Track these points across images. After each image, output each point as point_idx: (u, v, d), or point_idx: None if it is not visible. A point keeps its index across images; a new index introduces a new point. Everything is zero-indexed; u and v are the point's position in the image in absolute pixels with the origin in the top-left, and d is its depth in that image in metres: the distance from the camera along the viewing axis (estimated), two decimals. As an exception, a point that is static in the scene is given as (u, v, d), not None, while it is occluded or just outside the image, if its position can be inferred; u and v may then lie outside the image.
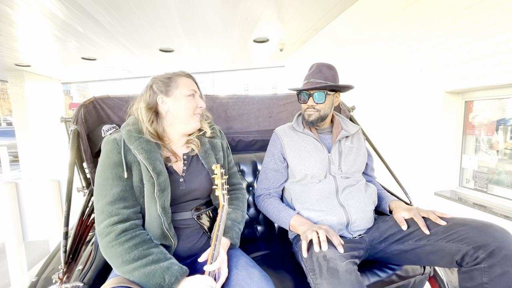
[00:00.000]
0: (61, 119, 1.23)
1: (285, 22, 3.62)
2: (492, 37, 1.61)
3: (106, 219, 0.77)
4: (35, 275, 0.89)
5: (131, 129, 0.87)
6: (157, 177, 0.82)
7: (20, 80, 6.26)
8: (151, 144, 0.86)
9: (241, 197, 1.08)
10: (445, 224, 0.90)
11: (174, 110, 0.91)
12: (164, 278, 0.72)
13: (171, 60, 5.68)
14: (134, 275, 0.72)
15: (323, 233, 0.89)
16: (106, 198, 0.79)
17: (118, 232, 0.76)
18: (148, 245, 0.78)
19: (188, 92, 0.93)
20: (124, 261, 0.73)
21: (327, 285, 0.75)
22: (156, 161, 0.84)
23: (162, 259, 0.76)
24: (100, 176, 0.82)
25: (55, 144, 7.13)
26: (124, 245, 0.75)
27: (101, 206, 0.79)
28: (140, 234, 0.79)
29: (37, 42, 4.18)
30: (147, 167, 0.82)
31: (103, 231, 0.77)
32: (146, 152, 0.83)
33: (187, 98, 0.92)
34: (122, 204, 0.80)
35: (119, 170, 0.82)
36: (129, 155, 0.84)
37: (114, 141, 0.85)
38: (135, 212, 0.82)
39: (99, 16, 3.18)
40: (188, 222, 0.92)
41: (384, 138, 2.61)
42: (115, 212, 0.78)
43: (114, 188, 0.80)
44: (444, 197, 2.01)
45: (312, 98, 1.11)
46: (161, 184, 0.82)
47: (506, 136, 1.85)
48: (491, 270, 0.78)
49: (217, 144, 1.02)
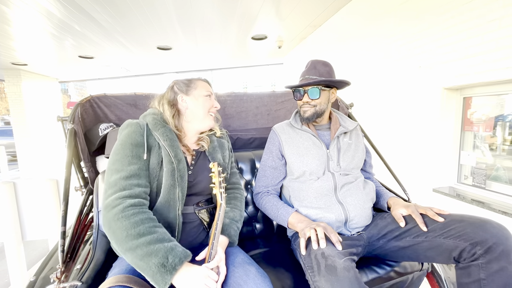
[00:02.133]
0: (57, 118, 1.23)
1: (283, 19, 3.60)
2: (491, 32, 1.60)
3: (117, 192, 0.78)
4: (33, 275, 0.89)
5: (156, 117, 0.95)
6: (178, 163, 0.89)
7: (17, 79, 6.22)
8: (174, 134, 0.94)
9: (239, 197, 1.09)
10: (443, 221, 0.90)
11: (193, 107, 1.00)
12: (167, 258, 0.71)
13: (169, 58, 5.65)
14: (137, 252, 0.71)
15: (321, 230, 0.89)
16: (122, 173, 0.81)
17: (126, 205, 0.76)
18: (154, 223, 0.78)
19: (205, 93, 1.03)
20: (129, 235, 0.72)
21: (325, 282, 0.75)
22: (177, 149, 0.91)
23: (166, 239, 0.76)
24: (118, 153, 0.85)
25: (54, 143, 7.11)
26: (131, 219, 0.75)
27: (115, 179, 0.80)
28: (147, 212, 0.80)
29: (34, 41, 4.14)
30: (170, 153, 0.88)
31: (111, 203, 0.77)
32: (170, 139, 0.91)
33: (204, 98, 1.02)
34: (136, 181, 0.82)
35: (139, 151, 0.86)
36: (151, 139, 0.90)
37: (137, 124, 0.90)
38: (145, 192, 0.84)
39: (96, 14, 3.15)
40: (190, 217, 0.94)
41: (383, 134, 2.61)
42: (128, 186, 0.80)
43: (132, 165, 0.83)
44: (442, 193, 2.02)
45: (307, 94, 1.12)
46: (181, 171, 0.89)
47: (504, 132, 1.85)
48: (489, 266, 0.79)
49: (224, 144, 1.11)
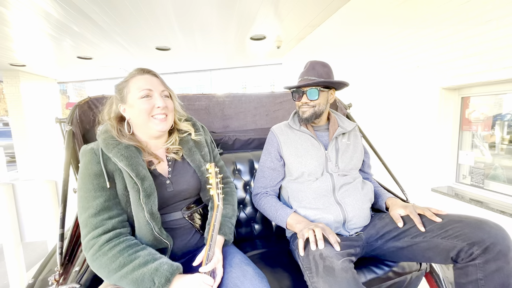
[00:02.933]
0: (55, 120, 1.22)
1: (282, 19, 3.60)
2: (488, 32, 1.61)
3: (90, 232, 0.75)
4: (31, 277, 0.89)
5: (108, 136, 0.83)
6: (142, 182, 0.80)
7: (15, 80, 6.21)
8: (131, 149, 0.83)
9: (229, 191, 1.06)
10: (441, 221, 0.91)
11: (132, 116, 0.86)
12: (154, 281, 0.69)
13: (168, 59, 5.65)
14: (123, 283, 0.70)
15: (319, 231, 0.89)
16: (89, 211, 0.76)
17: (101, 243, 0.73)
18: (134, 249, 0.75)
19: (139, 94, 0.84)
20: (110, 270, 0.71)
21: (323, 283, 0.75)
22: (138, 167, 0.81)
23: (150, 260, 0.73)
24: (81, 188, 0.79)
25: (52, 145, 7.09)
26: (108, 254, 0.72)
27: (84, 219, 0.76)
28: (125, 240, 0.77)
29: (32, 42, 4.14)
30: (130, 173, 0.79)
31: (87, 244, 0.74)
32: (127, 158, 0.80)
33: (140, 101, 0.84)
34: (107, 214, 0.77)
35: (100, 181, 0.79)
36: (110, 163, 0.81)
37: (91, 151, 0.82)
38: (120, 221, 0.80)
39: (95, 15, 3.15)
40: (179, 222, 0.91)
41: (381, 135, 2.61)
42: (99, 224, 0.76)
43: (96, 199, 0.77)
44: (441, 193, 2.02)
45: (305, 95, 1.11)
46: (147, 190, 0.80)
47: (502, 131, 1.85)
48: (486, 266, 0.79)
49: (200, 141, 1.00)
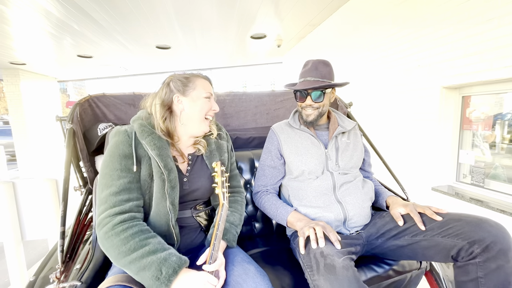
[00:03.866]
0: (56, 118, 1.23)
1: (282, 18, 3.60)
2: (489, 31, 1.61)
3: (107, 210, 0.76)
4: (33, 275, 0.89)
5: (144, 123, 0.86)
6: (168, 174, 0.82)
7: (15, 79, 6.21)
8: (163, 141, 0.86)
9: (240, 200, 1.07)
10: (441, 220, 0.91)
11: (189, 110, 0.91)
12: (161, 270, 0.70)
13: (168, 57, 5.65)
14: (131, 268, 0.71)
15: (320, 229, 0.89)
16: (111, 189, 0.78)
17: (115, 222, 0.74)
18: (145, 235, 0.76)
19: (205, 94, 0.93)
20: (120, 252, 0.72)
21: (324, 281, 0.75)
22: (167, 158, 0.84)
23: (159, 249, 0.74)
24: (107, 165, 0.81)
25: (53, 143, 7.10)
26: (120, 236, 0.73)
27: (105, 196, 0.78)
28: (138, 224, 0.78)
29: (32, 40, 4.13)
30: (159, 163, 0.82)
31: (101, 221, 0.76)
32: (158, 148, 0.83)
33: (203, 100, 0.92)
34: (127, 196, 0.79)
35: (128, 162, 0.81)
36: (140, 148, 0.84)
37: (125, 132, 0.84)
38: (137, 206, 0.81)
39: (95, 13, 3.14)
40: (188, 220, 0.93)
41: (382, 133, 2.61)
42: (118, 203, 0.77)
43: (121, 179, 0.79)
44: (441, 192, 2.02)
45: (310, 96, 1.11)
46: (172, 181, 0.83)
47: (503, 130, 1.85)
48: (486, 265, 0.79)
49: (223, 145, 1.02)
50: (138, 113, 0.93)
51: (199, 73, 0.97)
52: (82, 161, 1.21)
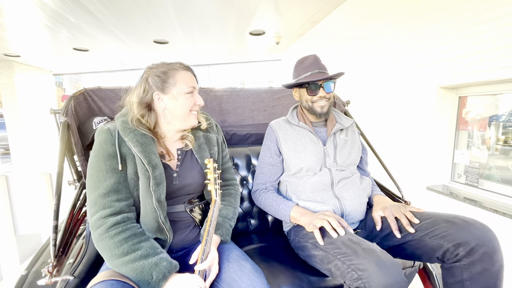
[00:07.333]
0: (50, 111, 1.20)
1: (281, 15, 3.58)
2: (487, 32, 1.61)
3: (99, 211, 0.76)
4: (24, 269, 0.88)
5: (126, 120, 0.84)
6: (153, 170, 0.80)
7: (9, 71, 6.10)
8: (147, 137, 0.83)
9: (233, 193, 1.06)
10: (429, 220, 0.90)
11: (172, 108, 0.86)
12: (152, 275, 0.71)
13: (166, 52, 5.59)
14: (123, 270, 0.73)
15: (333, 220, 0.90)
16: (99, 190, 0.78)
17: (109, 225, 0.75)
18: (138, 238, 0.77)
19: (187, 90, 0.87)
20: (113, 254, 0.73)
21: (369, 263, 0.75)
22: (151, 154, 0.82)
23: (151, 254, 0.75)
24: (93, 167, 0.80)
25: (47, 137, 7.01)
26: (114, 239, 0.74)
27: (94, 198, 0.78)
28: (131, 228, 0.78)
29: (27, 32, 4.06)
30: (142, 160, 0.80)
31: (95, 223, 0.76)
32: (141, 145, 0.81)
33: (185, 96, 0.87)
34: (116, 196, 0.79)
35: (113, 162, 0.80)
36: (124, 146, 0.82)
37: (108, 131, 0.82)
38: (128, 205, 0.81)
39: (91, 5, 3.09)
40: (181, 215, 0.92)
41: (379, 132, 2.62)
42: (107, 204, 0.77)
43: (107, 180, 0.79)
44: (436, 191, 2.04)
45: (322, 88, 1.10)
46: (157, 178, 0.81)
47: (498, 132, 1.87)
48: (471, 268, 0.79)
49: (212, 138, 0.99)
50: (123, 109, 0.89)
51: (180, 64, 0.90)
52: (76, 155, 1.20)
